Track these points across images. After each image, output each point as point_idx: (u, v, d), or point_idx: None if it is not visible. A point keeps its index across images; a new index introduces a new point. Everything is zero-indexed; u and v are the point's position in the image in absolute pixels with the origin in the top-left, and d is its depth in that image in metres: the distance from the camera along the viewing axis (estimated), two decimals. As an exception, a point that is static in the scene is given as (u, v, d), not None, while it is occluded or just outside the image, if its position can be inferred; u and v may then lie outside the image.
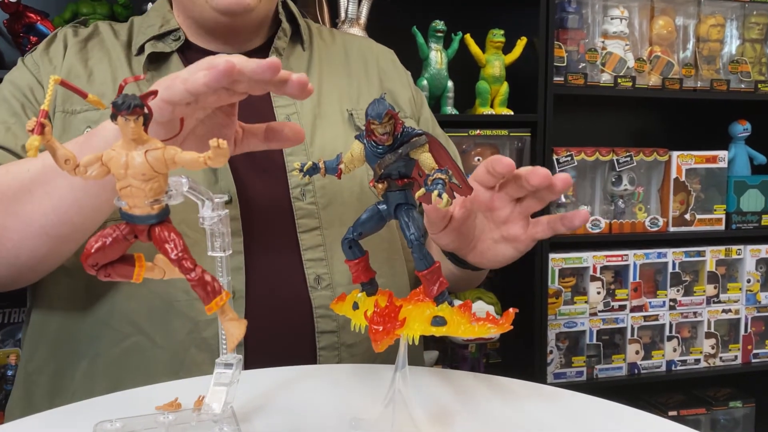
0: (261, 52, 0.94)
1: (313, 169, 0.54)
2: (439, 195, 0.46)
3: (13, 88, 0.86)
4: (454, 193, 0.57)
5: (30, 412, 0.63)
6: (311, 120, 0.89)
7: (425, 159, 0.50)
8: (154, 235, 0.44)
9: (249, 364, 0.74)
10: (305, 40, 0.97)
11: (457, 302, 0.52)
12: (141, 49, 0.89)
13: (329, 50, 1.00)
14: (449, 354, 1.93)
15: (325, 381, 0.69)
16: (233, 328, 0.45)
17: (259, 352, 0.76)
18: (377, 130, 0.48)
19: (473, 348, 1.85)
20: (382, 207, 0.53)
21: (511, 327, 0.49)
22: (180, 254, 0.44)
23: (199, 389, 0.61)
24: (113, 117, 0.43)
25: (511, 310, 0.50)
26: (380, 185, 0.51)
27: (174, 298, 0.77)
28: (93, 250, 0.45)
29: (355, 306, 0.55)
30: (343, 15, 1.69)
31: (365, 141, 0.51)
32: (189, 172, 0.81)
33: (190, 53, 0.91)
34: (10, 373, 1.52)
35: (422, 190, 0.47)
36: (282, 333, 0.80)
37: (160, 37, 0.90)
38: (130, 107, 0.42)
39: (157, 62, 0.89)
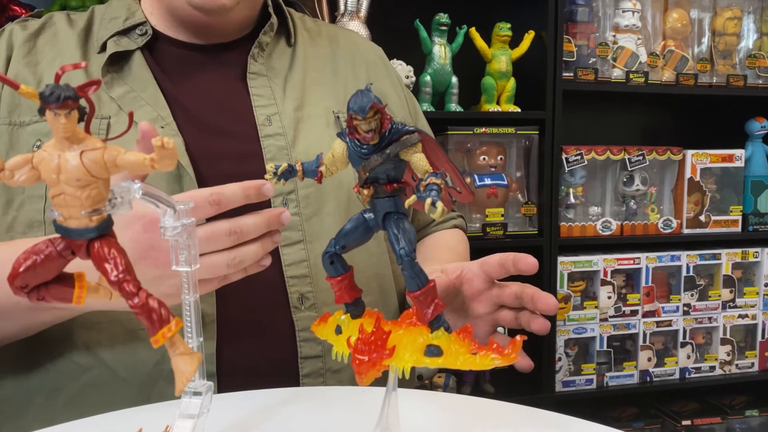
0: (242, 44, 0.86)
1: (289, 172, 0.47)
2: (433, 203, 0.38)
3: None
4: (453, 199, 0.50)
5: None
6: (293, 123, 0.81)
7: (417, 160, 0.42)
8: (92, 251, 0.37)
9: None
10: (291, 34, 0.89)
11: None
12: (103, 47, 0.80)
13: (314, 43, 0.92)
14: (453, 360, 1.86)
15: (307, 406, 0.62)
16: (183, 364, 0.38)
17: (233, 382, 0.69)
18: (361, 127, 0.41)
19: (478, 355, 1.78)
20: (369, 216, 0.46)
21: (518, 358, 0.42)
22: (120, 276, 0.36)
23: (167, 418, 0.54)
24: (41, 111, 0.36)
25: (518, 337, 0.43)
26: (366, 191, 0.44)
27: (138, 326, 0.69)
28: (21, 269, 0.37)
29: (338, 330, 0.48)
30: (342, 8, 1.62)
31: (348, 140, 0.43)
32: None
33: (158, 46, 0.83)
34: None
35: (413, 197, 0.40)
36: (260, 359, 0.72)
37: (124, 32, 0.81)
38: (60, 99, 0.35)
39: (118, 62, 0.80)
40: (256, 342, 0.73)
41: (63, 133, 0.36)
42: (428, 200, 0.38)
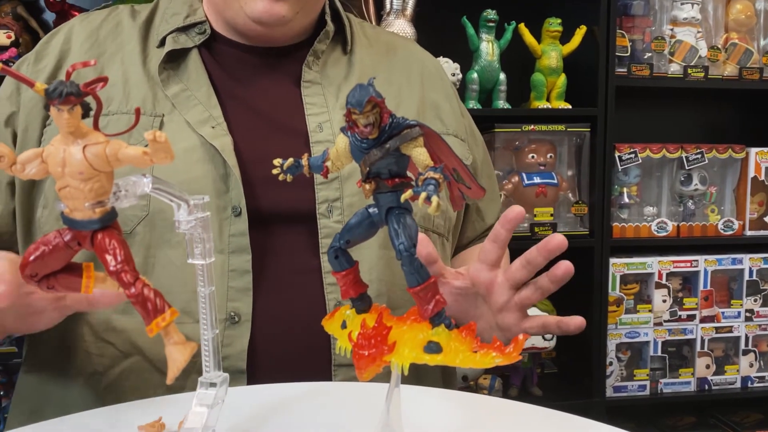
0: (298, 51, 0.86)
1: (296, 167, 0.48)
2: (428, 197, 0.38)
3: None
4: (464, 195, 0.49)
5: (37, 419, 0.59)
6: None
7: (418, 155, 0.42)
8: (95, 242, 0.39)
9: None
10: (348, 41, 0.89)
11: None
12: (162, 41, 0.82)
13: (372, 51, 0.91)
14: (501, 362, 1.83)
15: (320, 401, 0.62)
16: (176, 353, 0.39)
17: (263, 382, 0.70)
18: (359, 121, 0.41)
19: (525, 357, 1.74)
20: (373, 211, 0.46)
21: (520, 357, 0.41)
22: (119, 266, 0.38)
23: (187, 409, 0.56)
24: (46, 107, 0.37)
25: (521, 336, 0.41)
26: (368, 185, 0.43)
27: (176, 320, 0.71)
28: (31, 259, 0.39)
29: (344, 325, 0.48)
30: (388, 6, 1.62)
31: (349, 134, 0.43)
32: (200, 180, 0.75)
33: (216, 46, 0.84)
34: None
35: (409, 192, 0.39)
36: (292, 363, 0.73)
37: (183, 29, 0.83)
38: (62, 95, 0.36)
39: (175, 60, 0.82)
40: (289, 346, 0.74)
41: (66, 127, 0.37)
42: (422, 194, 0.38)
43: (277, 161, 0.48)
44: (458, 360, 0.41)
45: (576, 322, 0.67)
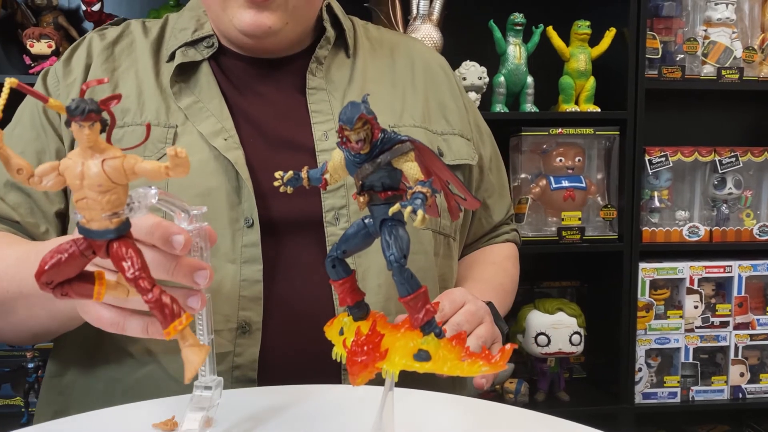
0: (302, 58, 0.88)
1: (296, 180, 0.50)
2: (414, 211, 0.39)
3: (30, 115, 0.83)
4: (461, 206, 0.51)
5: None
6: None
7: (408, 169, 0.43)
8: (111, 251, 0.41)
9: None
10: (350, 45, 0.90)
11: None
12: (173, 56, 0.84)
13: (375, 54, 0.92)
14: (529, 366, 1.82)
15: (323, 404, 0.63)
16: (192, 355, 0.41)
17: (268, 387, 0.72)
18: (350, 137, 0.42)
19: (552, 362, 1.74)
20: (368, 222, 0.47)
21: (506, 366, 0.42)
22: (137, 273, 0.40)
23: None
24: (67, 123, 0.40)
25: (508, 346, 0.43)
26: (362, 198, 0.45)
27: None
28: (47, 267, 0.42)
29: (342, 332, 0.49)
30: (415, 11, 1.63)
31: (343, 149, 0.45)
32: (214, 192, 0.77)
33: (224, 58, 0.86)
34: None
35: (396, 206, 0.41)
36: (302, 370, 0.74)
37: (192, 43, 0.84)
38: (84, 112, 0.39)
39: (186, 72, 0.83)
40: (299, 353, 0.75)
41: (86, 142, 0.40)
42: (408, 208, 0.39)
43: (278, 174, 0.50)
44: (446, 368, 0.43)
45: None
